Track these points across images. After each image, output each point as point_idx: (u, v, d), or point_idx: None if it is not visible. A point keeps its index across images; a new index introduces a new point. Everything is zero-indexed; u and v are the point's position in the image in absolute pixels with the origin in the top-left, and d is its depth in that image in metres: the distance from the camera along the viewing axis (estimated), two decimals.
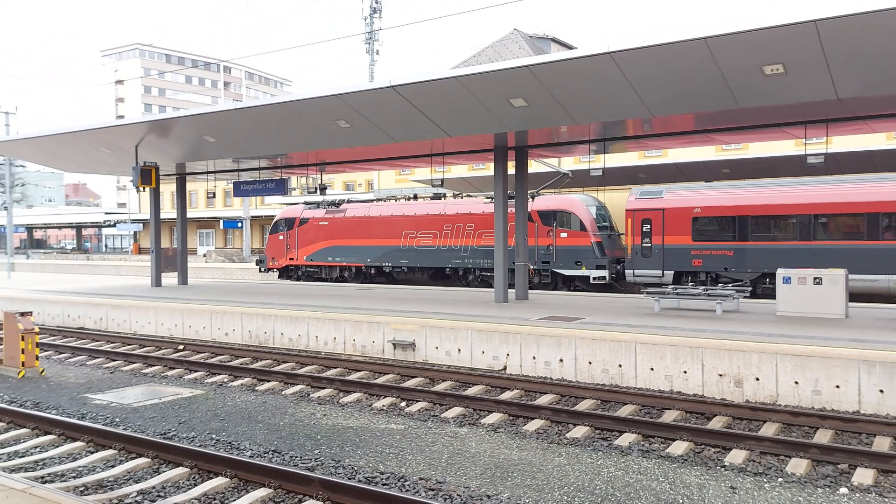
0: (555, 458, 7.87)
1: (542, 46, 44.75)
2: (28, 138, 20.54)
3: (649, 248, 22.70)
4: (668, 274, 22.50)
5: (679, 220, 22.20)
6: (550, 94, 12.66)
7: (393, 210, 28.47)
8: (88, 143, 19.96)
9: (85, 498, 6.34)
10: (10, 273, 32.10)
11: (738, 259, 21.38)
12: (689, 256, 22.03)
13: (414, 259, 27.44)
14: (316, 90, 15.18)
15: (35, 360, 12.87)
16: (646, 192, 23.51)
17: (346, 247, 29.36)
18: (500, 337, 12.69)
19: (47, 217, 77.00)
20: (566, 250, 23.82)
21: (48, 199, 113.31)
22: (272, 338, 15.73)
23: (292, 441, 8.60)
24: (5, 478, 5.75)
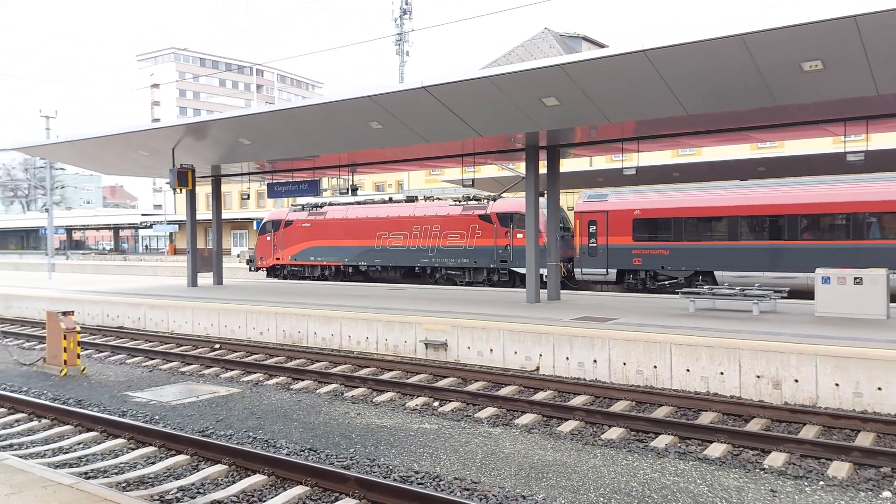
0: (590, 459, 7.83)
1: (573, 45, 44.47)
2: (68, 141, 21.03)
3: (595, 248, 24.16)
4: (611, 272, 23.95)
5: (621, 221, 23.64)
6: (583, 92, 12.59)
7: (368, 212, 29.79)
8: (127, 146, 20.37)
9: (127, 494, 6.48)
10: (51, 274, 32.89)
11: (674, 258, 22.70)
12: (631, 256, 23.46)
13: (387, 258, 28.93)
14: (348, 92, 15.29)
15: (77, 359, 13.17)
16: (592, 195, 24.89)
17: (327, 247, 30.79)
18: (532, 337, 12.66)
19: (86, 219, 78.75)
20: (522, 250, 24.48)
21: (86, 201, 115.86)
22: (306, 337, 15.89)
23: (327, 439, 8.68)
24: (53, 473, 5.91)
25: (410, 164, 23.41)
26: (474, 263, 26.15)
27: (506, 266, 25.67)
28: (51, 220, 34.19)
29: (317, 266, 31.53)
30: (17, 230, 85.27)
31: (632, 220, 23.51)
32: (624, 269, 23.82)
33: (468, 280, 27.10)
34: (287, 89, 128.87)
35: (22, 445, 8.61)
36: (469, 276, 27.07)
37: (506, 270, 25.88)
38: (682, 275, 22.72)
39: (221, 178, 25.02)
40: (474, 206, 26.77)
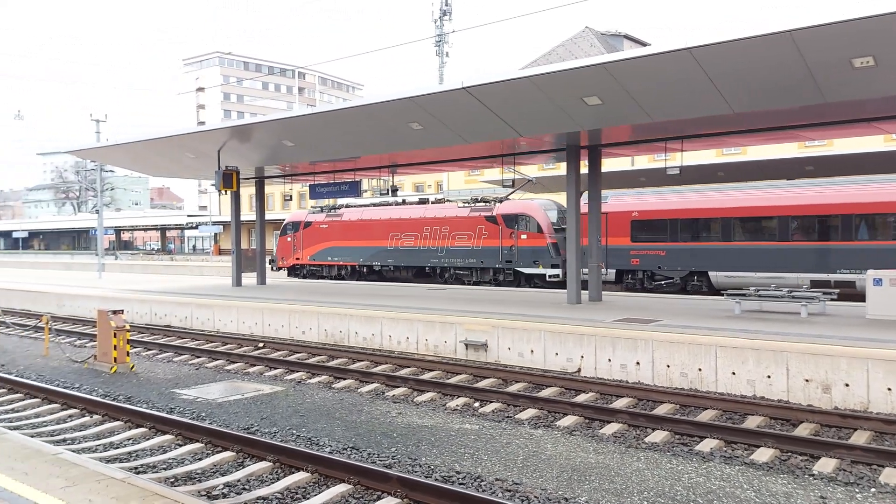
0: (633, 462, 7.74)
1: (614, 44, 44.02)
2: (118, 144, 21.63)
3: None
4: (610, 272, 24.54)
5: (620, 223, 24.27)
6: (626, 91, 12.46)
7: (381, 214, 30.73)
8: (175, 149, 20.85)
9: (176, 489, 6.64)
10: (101, 273, 33.84)
11: (670, 258, 23.37)
12: (629, 256, 24.11)
13: (399, 259, 29.79)
14: (389, 93, 15.41)
15: (126, 357, 13.53)
16: (612, 195, 25.40)
17: (343, 247, 31.82)
18: (573, 339, 12.57)
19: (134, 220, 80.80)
20: (526, 250, 25.78)
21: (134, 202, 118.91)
22: (347, 336, 16.04)
23: (369, 438, 8.76)
24: (105, 468, 6.09)
25: (450, 165, 23.47)
26: (481, 263, 27.05)
27: (511, 266, 26.35)
28: (101, 221, 35.18)
29: (334, 266, 32.47)
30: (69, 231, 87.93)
31: (630, 222, 24.17)
32: (622, 269, 24.44)
33: (475, 280, 27.78)
34: (328, 91, 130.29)
35: (75, 440, 8.88)
36: (476, 276, 27.74)
37: (511, 270, 26.54)
38: (677, 275, 23.32)
39: (265, 180, 25.43)
40: (481, 208, 27.49)
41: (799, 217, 21.02)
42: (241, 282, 24.88)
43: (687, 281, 23.01)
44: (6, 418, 9.98)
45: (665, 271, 23.47)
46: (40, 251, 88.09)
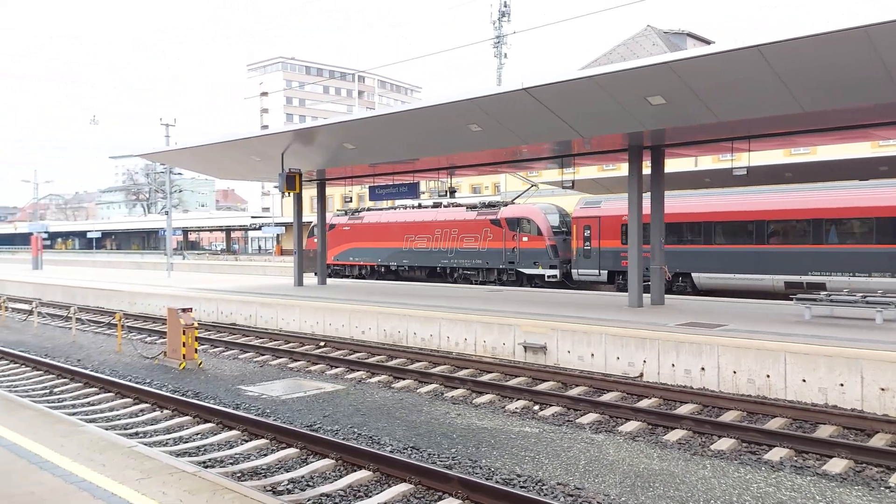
0: (699, 469, 7.56)
1: (677, 42, 43.08)
2: (186, 148, 22.36)
3: (589, 251, 26.21)
4: (603, 273, 25.82)
5: (612, 226, 25.43)
6: (692, 90, 12.18)
7: (398, 217, 32.61)
8: (241, 152, 21.43)
9: (243, 484, 6.81)
10: (169, 273, 35.03)
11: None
12: (619, 258, 24.85)
13: (413, 259, 31.57)
14: (448, 95, 15.47)
15: (194, 353, 13.97)
16: (588, 202, 26.97)
17: (363, 248, 33.84)
18: (635, 343, 12.35)
19: (200, 221, 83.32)
20: (527, 252, 27.41)
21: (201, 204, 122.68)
22: (406, 337, 16.17)
23: (429, 439, 8.80)
24: (176, 461, 6.30)
25: (508, 167, 23.41)
26: (486, 264, 28.58)
27: (513, 267, 27.81)
28: (169, 222, 36.43)
29: (355, 266, 34.45)
30: (139, 231, 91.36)
31: (620, 226, 25.11)
32: (614, 270, 25.51)
33: (481, 280, 29.04)
34: (387, 94, 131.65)
35: (147, 434, 9.20)
36: (482, 276, 29.07)
37: (513, 271, 27.97)
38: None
39: (326, 182, 25.87)
40: (487, 212, 28.97)
41: (774, 222, 22.24)
42: (302, 281, 25.36)
43: (672, 282, 23.59)
44: (83, 411, 10.42)
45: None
46: (112, 251, 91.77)
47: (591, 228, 26.15)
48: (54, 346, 16.60)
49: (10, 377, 13.18)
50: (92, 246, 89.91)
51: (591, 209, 26.52)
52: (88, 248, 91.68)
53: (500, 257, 28.08)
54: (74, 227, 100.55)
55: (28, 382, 12.67)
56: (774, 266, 21.76)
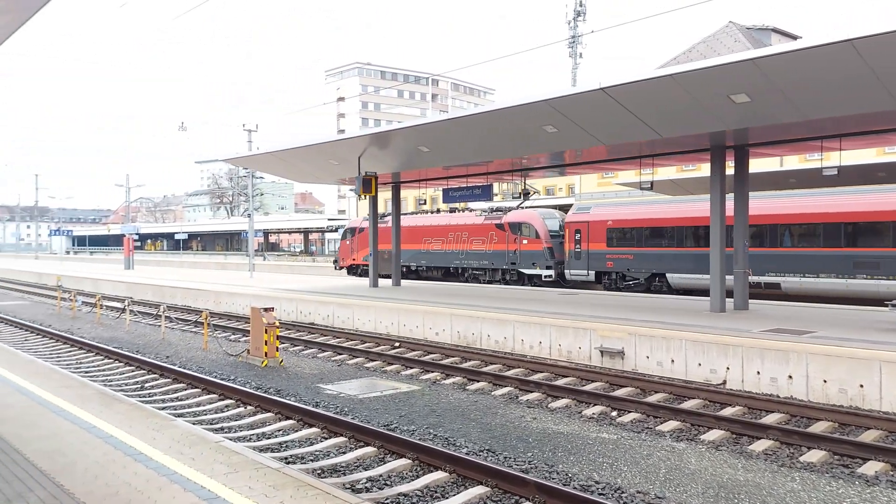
0: (787, 482, 7.26)
1: (760, 38, 41.54)
2: (268, 152, 23.08)
3: (579, 253, 28.55)
4: (591, 273, 28.10)
5: (599, 231, 27.82)
6: (777, 88, 11.72)
7: (417, 221, 35.59)
8: (318, 156, 21.97)
9: (323, 480, 6.97)
10: (251, 273, 36.22)
11: (636, 261, 26.72)
12: (605, 259, 27.52)
13: (430, 260, 34.49)
14: (522, 97, 15.41)
15: (276, 352, 14.40)
16: (580, 208, 29.62)
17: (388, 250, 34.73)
18: (717, 349, 11.97)
19: (280, 223, 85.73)
20: (526, 254, 30.09)
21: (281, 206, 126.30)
22: (479, 339, 16.18)
23: (504, 442, 8.78)
24: (261, 457, 6.51)
25: (584, 168, 23.12)
26: (492, 265, 31.22)
27: (515, 268, 30.50)
28: (251, 224, 37.66)
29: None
30: (223, 233, 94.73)
31: (606, 230, 27.60)
32: (600, 270, 27.88)
33: (488, 279, 31.62)
34: (460, 97, 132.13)
35: (231, 429, 9.54)
36: (489, 276, 31.72)
37: (515, 271, 30.61)
38: (642, 276, 26.56)
39: (401, 185, 26.18)
40: (493, 217, 31.51)
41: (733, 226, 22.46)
42: (377, 283, 25.74)
43: (650, 282, 26.12)
44: (172, 406, 10.90)
45: (633, 273, 26.81)
46: (198, 252, 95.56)
47: (581, 232, 28.49)
48: (145, 343, 17.43)
49: (105, 372, 13.92)
50: (179, 247, 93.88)
51: (581, 215, 28.87)
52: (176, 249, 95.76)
53: (503, 258, 30.83)
54: (163, 229, 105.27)
55: (122, 377, 13.35)
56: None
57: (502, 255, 30.84)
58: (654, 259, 25.92)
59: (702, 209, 24.29)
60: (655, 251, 26.01)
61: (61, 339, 17.82)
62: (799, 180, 24.54)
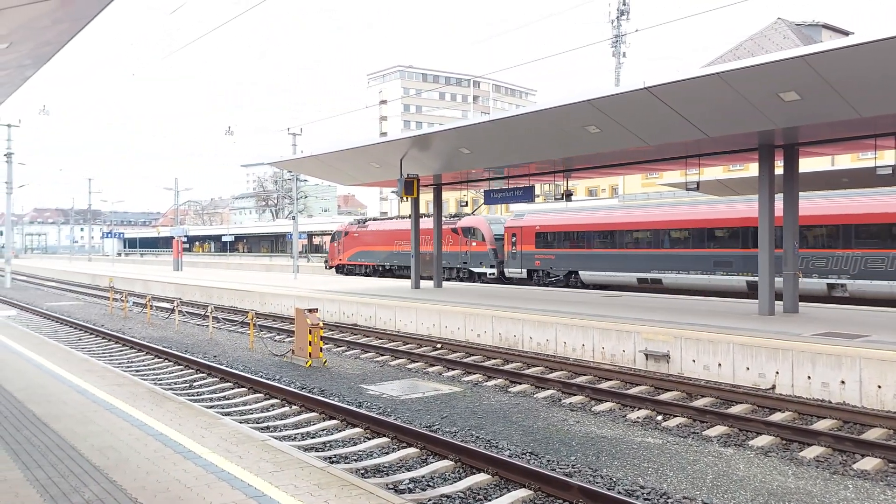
0: (840, 490, 7.05)
1: (810, 34, 40.44)
2: (312, 156, 23.38)
3: (514, 254, 32.84)
4: (524, 271, 32.38)
5: (529, 234, 32.19)
6: (829, 85, 11.40)
7: (389, 226, 40.81)
8: (361, 158, 22.17)
9: (367, 480, 7.03)
10: (295, 274, 36.73)
11: (557, 261, 31.03)
12: (534, 259, 31.96)
13: (400, 260, 38.77)
14: (565, 97, 15.29)
15: (320, 352, 14.57)
16: (516, 214, 34.18)
17: (367, 251, 41.95)
18: (766, 353, 11.69)
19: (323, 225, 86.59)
20: (475, 254, 35.07)
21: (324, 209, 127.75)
22: (521, 341, 16.12)
23: (547, 445, 8.73)
24: (306, 455, 6.59)
25: (627, 168, 22.83)
26: (448, 264, 35.32)
27: (466, 266, 35.51)
28: (296, 226, 38.23)
29: (362, 265, 42.33)
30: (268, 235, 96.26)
31: (534, 234, 31.89)
32: (530, 269, 32.07)
33: (446, 277, 35.30)
34: (501, 99, 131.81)
35: (277, 428, 9.69)
36: (446, 273, 35.44)
37: (466, 269, 35.63)
38: (561, 273, 30.80)
39: (442, 186, 26.23)
40: (449, 223, 35.94)
41: (628, 231, 28.37)
42: (419, 284, 25.84)
43: (568, 278, 30.53)
44: (219, 405, 11.13)
45: (554, 271, 31.05)
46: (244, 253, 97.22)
47: (517, 236, 32.71)
48: (193, 343, 17.82)
49: (155, 371, 14.28)
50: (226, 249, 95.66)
51: (517, 220, 33.15)
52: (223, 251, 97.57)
53: (458, 258, 35.84)
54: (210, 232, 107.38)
55: (171, 376, 13.68)
56: (631, 266, 27.80)
57: (456, 255, 35.81)
58: (570, 259, 30.48)
59: (611, 216, 29.14)
60: (571, 252, 30.45)
61: (114, 339, 18.35)
62: (852, 180, 23.85)
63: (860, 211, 22.13)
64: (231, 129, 40.28)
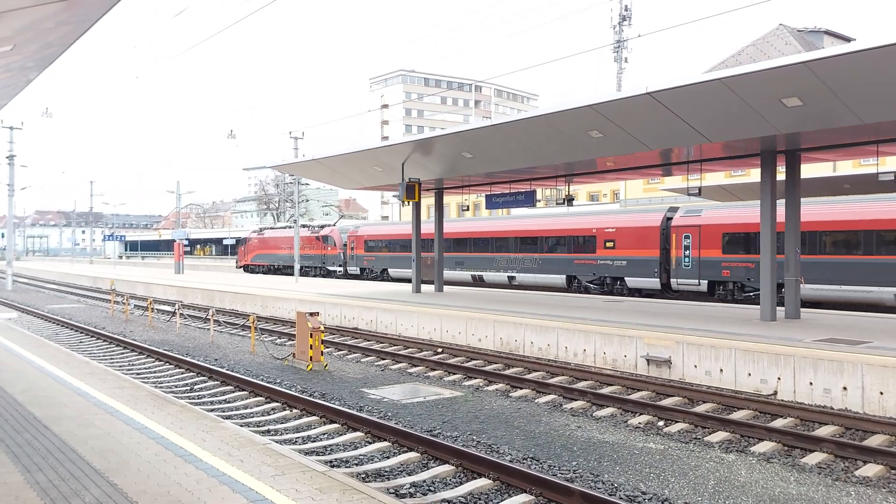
0: (842, 496, 7.03)
1: (812, 40, 40.50)
2: (314, 159, 23.41)
3: (353, 256, 43.36)
4: (358, 269, 42.94)
5: (360, 241, 42.84)
6: (831, 91, 11.41)
7: (276, 234, 52.40)
8: (363, 162, 22.19)
9: (368, 485, 7.01)
10: (297, 278, 36.72)
11: (376, 261, 41.71)
12: (363, 259, 42.60)
13: (282, 261, 49.25)
14: (567, 102, 15.31)
15: (321, 356, 14.55)
16: (354, 226, 45.95)
17: (264, 255, 52.97)
18: (768, 359, 11.67)
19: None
20: (329, 257, 45.72)
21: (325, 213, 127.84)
22: (522, 346, 16.10)
23: (549, 450, 8.71)
24: (307, 459, 6.58)
25: (629, 173, 22.82)
26: (313, 264, 46.72)
27: (324, 266, 46.27)
28: (297, 230, 38.20)
29: (260, 265, 53.42)
30: None
31: (363, 241, 42.52)
32: (362, 267, 42.60)
33: (313, 274, 46.82)
34: (503, 103, 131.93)
35: (278, 432, 9.67)
36: (312, 273, 46.94)
37: (324, 268, 46.36)
38: (378, 270, 41.27)
39: (444, 191, 26.23)
40: (315, 232, 47.53)
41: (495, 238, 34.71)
42: (420, 288, 25.83)
43: (383, 273, 40.69)
44: (220, 408, 11.11)
45: (373, 268, 41.57)
46: None
47: (355, 242, 43.28)
48: (195, 346, 17.82)
49: (156, 374, 14.27)
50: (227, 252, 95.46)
51: (353, 231, 44.16)
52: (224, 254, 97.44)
53: (319, 259, 46.61)
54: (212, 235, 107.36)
55: (172, 379, 13.67)
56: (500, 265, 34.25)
57: (319, 257, 46.63)
58: (382, 260, 41.06)
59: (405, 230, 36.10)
60: (383, 255, 40.98)
61: (115, 342, 18.34)
62: (854, 186, 23.85)
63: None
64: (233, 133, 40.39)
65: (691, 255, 25.78)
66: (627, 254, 28.19)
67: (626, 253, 28.22)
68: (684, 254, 26.05)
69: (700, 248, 25.48)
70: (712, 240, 25.13)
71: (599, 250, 29.33)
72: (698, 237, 25.57)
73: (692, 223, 26.02)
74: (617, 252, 28.59)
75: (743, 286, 24.67)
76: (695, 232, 25.75)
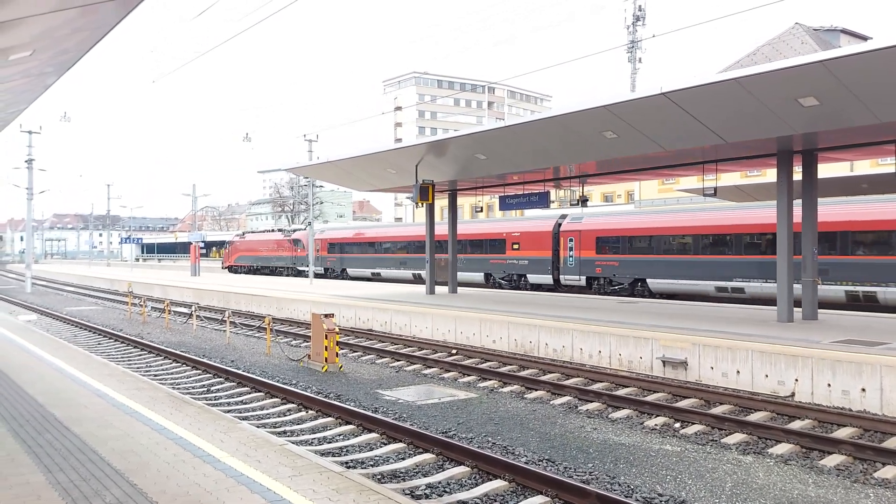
0: (861, 499, 6.98)
1: (828, 39, 40.17)
2: (329, 161, 23.51)
3: (317, 258, 46.26)
4: (322, 269, 47.03)
5: (324, 244, 47.16)
6: (849, 90, 11.32)
7: (255, 237, 58.04)
8: (377, 164, 22.25)
9: (384, 485, 7.04)
10: (311, 280, 36.87)
11: (337, 262, 46.25)
12: (327, 261, 46.70)
13: (261, 262, 54.82)
14: (581, 103, 15.28)
15: (336, 357, 14.62)
16: (319, 230, 49.27)
17: (245, 256, 57.55)
18: (786, 360, 11.59)
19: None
20: (299, 258, 48.92)
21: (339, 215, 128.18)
22: (537, 347, 16.08)
23: (564, 452, 8.70)
24: (323, 460, 6.62)
25: (643, 174, 22.74)
26: (286, 265, 51.13)
27: (294, 266, 50.06)
28: (311, 231, 38.36)
29: (242, 266, 57.93)
30: None
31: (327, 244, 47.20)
32: (325, 267, 47.28)
33: (286, 274, 50.51)
34: (517, 105, 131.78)
35: (294, 433, 9.73)
36: (285, 273, 51.08)
37: (294, 269, 50.13)
38: (338, 269, 46.01)
39: (457, 192, 26.25)
40: (287, 235, 52.38)
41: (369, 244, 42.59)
42: (434, 290, 25.85)
43: (343, 272, 45.57)
44: (237, 409, 11.19)
45: (335, 267, 46.23)
46: None
47: (320, 245, 46.93)
48: (211, 348, 17.95)
49: (174, 375, 14.40)
50: None
51: (320, 234, 47.94)
52: None
53: (291, 261, 50.69)
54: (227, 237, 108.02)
55: (189, 381, 13.78)
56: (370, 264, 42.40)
57: (291, 258, 50.60)
58: (343, 261, 45.27)
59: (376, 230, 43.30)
60: (344, 256, 45.36)
61: (132, 343, 18.52)
62: (871, 186, 23.63)
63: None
64: (249, 136, 40.63)
65: (574, 255, 30.41)
66: (529, 254, 32.94)
67: (528, 254, 32.99)
68: (569, 254, 30.73)
69: (580, 250, 30.09)
70: (589, 243, 29.77)
71: (508, 251, 34.06)
72: (579, 241, 30.20)
73: (574, 229, 30.56)
74: (521, 253, 33.34)
75: (611, 281, 28.92)
76: (576, 236, 30.39)
